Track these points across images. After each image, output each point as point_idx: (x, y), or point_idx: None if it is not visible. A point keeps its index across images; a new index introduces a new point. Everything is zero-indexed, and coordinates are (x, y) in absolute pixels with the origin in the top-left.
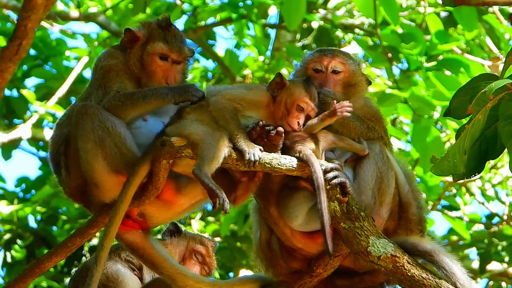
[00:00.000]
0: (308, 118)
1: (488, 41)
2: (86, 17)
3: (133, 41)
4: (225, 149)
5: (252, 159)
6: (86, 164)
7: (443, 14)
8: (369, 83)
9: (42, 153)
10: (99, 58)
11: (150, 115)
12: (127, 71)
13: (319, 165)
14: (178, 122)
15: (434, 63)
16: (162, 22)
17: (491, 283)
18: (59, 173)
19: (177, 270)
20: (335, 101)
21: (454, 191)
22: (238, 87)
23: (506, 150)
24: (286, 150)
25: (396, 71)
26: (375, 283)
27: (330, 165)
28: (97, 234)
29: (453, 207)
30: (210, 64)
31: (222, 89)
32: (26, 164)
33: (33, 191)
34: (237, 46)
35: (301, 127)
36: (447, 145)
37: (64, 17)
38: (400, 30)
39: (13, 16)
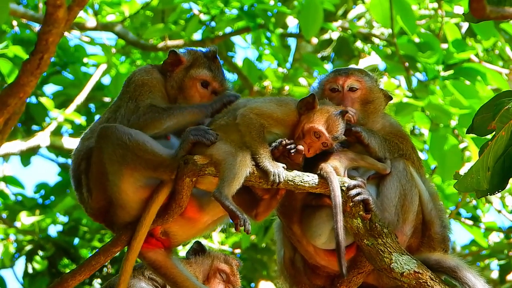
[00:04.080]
0: (325, 146)
1: (508, 50)
2: (103, 27)
3: (176, 64)
4: (247, 170)
5: (277, 180)
6: (114, 186)
7: (462, 24)
8: (390, 98)
9: (61, 159)
10: (134, 73)
11: (172, 135)
12: (161, 89)
13: (338, 183)
14: None
15: (451, 71)
16: (208, 53)
17: None
18: (81, 192)
19: None
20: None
21: (474, 201)
22: (269, 101)
23: None
24: (309, 166)
25: (413, 80)
26: None
27: (353, 182)
28: None
29: (474, 217)
30: (229, 75)
31: (252, 102)
32: (45, 170)
33: (52, 198)
34: (259, 58)
35: (311, 154)
36: (466, 153)
37: (82, 27)
38: (417, 39)
39: (31, 24)
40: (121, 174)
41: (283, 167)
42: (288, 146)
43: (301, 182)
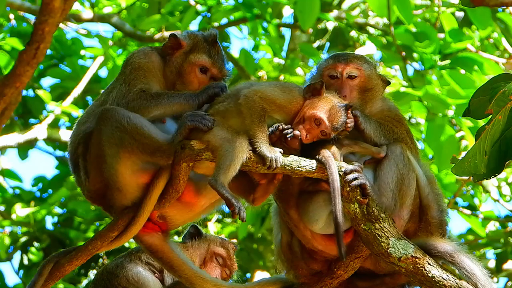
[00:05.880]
0: (324, 135)
1: (504, 40)
2: (100, 18)
3: (176, 48)
4: (243, 156)
5: (274, 165)
6: (111, 169)
7: (458, 14)
8: (388, 83)
9: (59, 153)
10: (132, 54)
11: (168, 118)
12: (157, 74)
13: (336, 167)
14: None
15: (448, 61)
16: (208, 37)
17: (510, 283)
18: (78, 174)
19: (195, 273)
20: None
21: (471, 190)
22: (274, 86)
23: None
24: (306, 151)
25: (410, 70)
26: (396, 285)
27: (350, 167)
28: None
29: (471, 207)
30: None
31: (256, 85)
32: (43, 163)
33: (49, 191)
34: (254, 49)
35: (309, 141)
36: (463, 143)
37: (78, 19)
38: (414, 29)
39: (28, 16)
40: (118, 157)
41: (280, 152)
42: (285, 131)
43: (298, 167)
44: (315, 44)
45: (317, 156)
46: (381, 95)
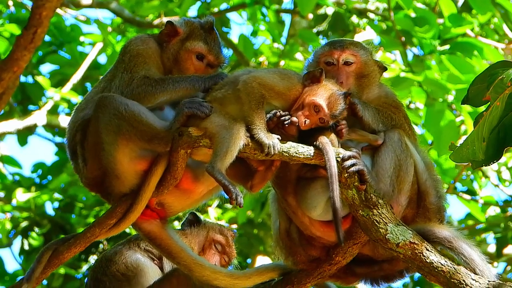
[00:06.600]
0: (322, 123)
1: (504, 26)
2: (99, 4)
3: (172, 35)
4: (240, 143)
5: (272, 152)
6: (109, 156)
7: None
8: (384, 69)
9: (58, 139)
10: (130, 41)
11: (167, 105)
12: (156, 60)
13: (333, 153)
14: None
15: (447, 46)
16: (205, 25)
17: (509, 267)
18: (76, 162)
19: (194, 260)
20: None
21: (471, 176)
22: (273, 72)
23: None
24: (304, 138)
25: (409, 55)
26: (394, 271)
27: (348, 153)
28: None
29: (471, 192)
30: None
31: (255, 72)
32: (42, 150)
33: (49, 177)
34: (253, 34)
35: (307, 127)
36: (462, 128)
37: (77, 4)
38: (413, 14)
39: (26, 3)
40: (116, 144)
41: (277, 138)
42: (282, 118)
43: (296, 153)
44: (315, 30)
45: (314, 143)
46: (378, 81)
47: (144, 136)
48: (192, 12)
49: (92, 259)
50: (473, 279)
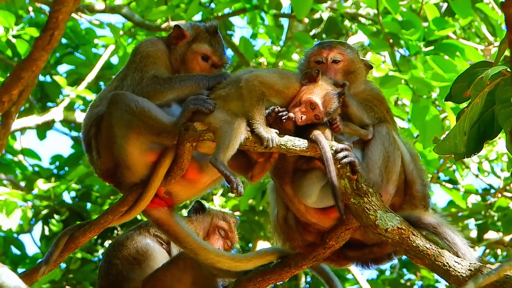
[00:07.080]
0: (317, 119)
1: (484, 29)
2: (111, 9)
3: (180, 38)
4: (241, 137)
5: (270, 145)
6: (121, 148)
7: (441, 4)
8: (370, 67)
9: (74, 133)
10: (141, 43)
11: (174, 102)
12: (164, 60)
13: (326, 142)
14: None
15: (431, 47)
16: (210, 28)
17: (487, 251)
18: (91, 154)
19: (199, 244)
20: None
21: (453, 166)
22: (273, 72)
23: (502, 131)
24: (300, 132)
25: (397, 56)
26: (383, 254)
27: (341, 145)
28: None
29: (452, 181)
30: (229, 50)
31: (256, 71)
32: (60, 143)
33: (66, 168)
34: (253, 36)
35: (303, 123)
36: (446, 123)
37: (91, 10)
38: (400, 18)
39: (45, 8)
40: (127, 137)
41: (276, 132)
42: (280, 113)
43: (293, 146)
44: (311, 33)
45: (309, 136)
46: (364, 78)
47: (153, 130)
48: (198, 16)
49: (107, 244)
50: (455, 262)
